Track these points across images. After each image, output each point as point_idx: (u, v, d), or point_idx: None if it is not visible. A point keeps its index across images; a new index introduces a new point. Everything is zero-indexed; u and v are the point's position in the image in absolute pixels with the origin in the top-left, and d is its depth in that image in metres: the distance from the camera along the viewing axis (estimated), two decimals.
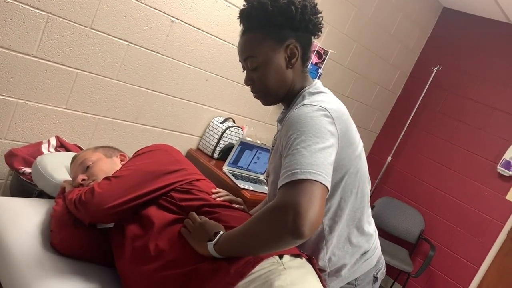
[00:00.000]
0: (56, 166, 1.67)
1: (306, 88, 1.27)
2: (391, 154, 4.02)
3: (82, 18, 2.03)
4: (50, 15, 1.93)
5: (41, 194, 1.70)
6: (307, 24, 1.21)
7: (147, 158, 1.37)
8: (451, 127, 3.89)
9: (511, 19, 3.60)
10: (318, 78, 3.19)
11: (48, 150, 2.01)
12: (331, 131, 1.10)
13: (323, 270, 1.28)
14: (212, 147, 2.73)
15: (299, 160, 1.01)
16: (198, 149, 2.84)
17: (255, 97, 1.30)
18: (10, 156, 1.94)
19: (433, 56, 4.09)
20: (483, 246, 3.56)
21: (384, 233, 3.96)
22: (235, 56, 2.72)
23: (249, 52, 1.23)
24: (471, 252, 3.62)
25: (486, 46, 3.81)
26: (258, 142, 2.86)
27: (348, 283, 1.32)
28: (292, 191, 0.96)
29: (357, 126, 1.29)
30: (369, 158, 4.39)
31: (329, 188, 1.02)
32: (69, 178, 1.60)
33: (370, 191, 1.41)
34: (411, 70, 4.24)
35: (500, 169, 3.51)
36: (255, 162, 2.71)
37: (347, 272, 1.30)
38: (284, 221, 0.93)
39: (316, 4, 1.24)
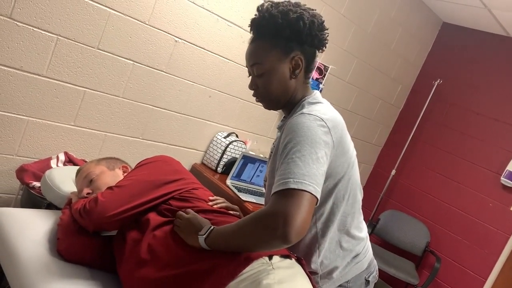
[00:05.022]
0: (64, 179, 1.75)
1: (306, 98, 1.35)
2: (395, 167, 4.06)
3: (89, 39, 2.14)
4: (59, 37, 2.05)
5: (49, 206, 1.78)
6: (313, 39, 1.30)
7: (148, 168, 1.45)
8: (454, 139, 3.92)
9: (509, 32, 3.66)
10: (320, 91, 3.26)
11: (57, 165, 2.10)
12: (326, 141, 1.17)
13: (315, 272, 1.34)
14: (216, 161, 2.81)
15: (293, 169, 1.08)
16: (202, 163, 2.92)
17: (257, 101, 1.39)
18: (21, 171, 2.03)
19: (434, 70, 4.15)
20: (490, 258, 3.55)
21: (389, 246, 3.98)
22: (237, 73, 2.82)
23: (257, 59, 1.31)
24: (477, 264, 3.61)
25: (486, 59, 3.86)
26: (261, 155, 2.93)
27: (340, 286, 1.37)
28: (283, 199, 1.04)
29: (360, 140, 1.36)
30: (374, 172, 4.43)
31: (319, 198, 1.09)
32: (75, 190, 1.68)
33: (364, 199, 1.47)
34: (413, 84, 4.30)
35: (504, 180, 3.53)
36: (258, 176, 2.77)
37: (339, 274, 1.35)
38: (273, 228, 1.02)
39: (324, 21, 1.33)
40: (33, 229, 1.49)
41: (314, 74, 3.20)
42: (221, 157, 2.79)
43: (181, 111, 2.66)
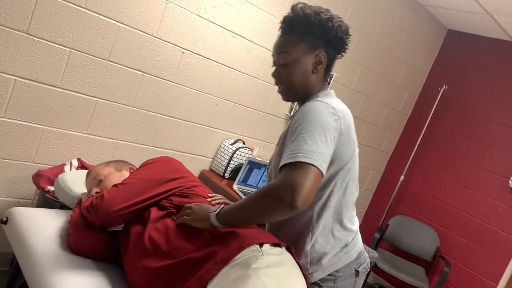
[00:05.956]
0: (75, 182, 1.87)
1: (323, 92, 1.47)
2: (404, 173, 4.09)
3: (101, 52, 2.28)
4: (72, 50, 2.19)
5: (62, 208, 1.90)
6: (338, 41, 1.43)
7: (151, 168, 1.56)
8: (461, 144, 3.95)
9: None
10: None
11: (70, 171, 2.23)
12: (335, 127, 1.29)
13: (306, 255, 1.41)
14: (224, 167, 2.90)
15: (303, 146, 1.19)
16: (210, 169, 3.02)
17: (278, 91, 1.50)
18: (37, 177, 2.16)
19: (441, 76, 4.20)
20: (500, 262, 3.55)
21: (399, 252, 3.99)
22: (243, 82, 2.93)
23: (284, 48, 1.43)
24: (488, 269, 3.60)
25: (491, 64, 3.90)
26: (267, 161, 3.01)
27: (329, 275, 1.43)
28: (292, 171, 1.15)
29: (369, 147, 1.46)
30: (383, 179, 4.46)
31: (324, 174, 1.20)
32: (85, 191, 1.79)
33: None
34: (420, 90, 4.35)
35: None
36: (264, 181, 2.85)
37: (328, 262, 1.42)
38: (282, 196, 1.12)
39: (349, 28, 1.46)
40: (46, 226, 1.60)
41: None
42: (228, 163, 2.88)
43: (189, 119, 2.77)
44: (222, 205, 1.31)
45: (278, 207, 1.13)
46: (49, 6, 2.05)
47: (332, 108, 1.31)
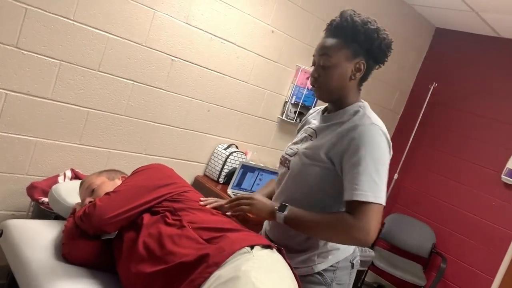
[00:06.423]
0: (69, 192, 1.89)
1: (361, 102, 1.54)
2: (397, 171, 4.12)
3: (90, 63, 2.30)
4: (62, 62, 2.21)
5: (57, 218, 1.91)
6: (379, 53, 1.49)
7: (142, 175, 1.58)
8: (453, 140, 3.99)
9: (499, 33, 3.75)
10: (315, 103, 3.38)
11: (64, 181, 2.24)
12: (389, 157, 1.42)
13: (316, 248, 1.49)
14: (218, 172, 2.92)
15: (371, 185, 1.31)
16: (205, 175, 3.04)
17: (312, 89, 1.57)
18: (31, 189, 2.17)
19: (431, 74, 4.24)
20: (496, 256, 3.58)
21: (396, 249, 4.02)
22: (234, 87, 2.95)
23: (327, 51, 1.46)
24: (484, 263, 3.63)
25: (479, 60, 3.95)
26: (261, 165, 3.03)
27: (331, 266, 1.50)
28: (366, 213, 1.30)
29: None
30: None
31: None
32: (79, 201, 1.81)
33: None
34: (410, 89, 4.39)
35: (504, 178, 3.57)
36: (258, 184, 2.88)
37: (333, 256, 1.50)
38: (358, 238, 1.31)
39: (392, 43, 1.52)
40: (41, 237, 1.62)
41: (309, 84, 3.31)
42: (222, 168, 2.91)
43: (181, 126, 2.79)
44: (288, 206, 1.42)
45: (351, 243, 1.40)
46: (38, 20, 2.07)
47: (384, 134, 1.40)
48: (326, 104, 1.63)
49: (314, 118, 1.66)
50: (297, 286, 1.28)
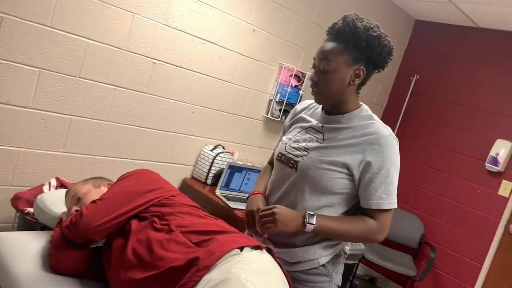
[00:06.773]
0: (54, 202, 1.86)
1: (364, 107, 1.57)
2: None
3: (71, 69, 2.27)
4: (42, 70, 2.17)
5: (43, 228, 1.89)
6: (380, 59, 1.48)
7: (128, 181, 1.57)
8: (437, 131, 4.03)
9: (477, 23, 3.80)
10: (300, 100, 3.39)
11: (49, 191, 2.21)
12: None
13: (322, 241, 1.52)
14: (205, 174, 2.91)
15: (393, 193, 1.46)
16: (192, 177, 3.03)
17: (312, 93, 1.55)
18: (16, 199, 2.14)
19: (412, 66, 4.28)
20: (483, 243, 3.63)
21: (386, 241, 4.05)
22: (217, 87, 2.95)
23: (327, 55, 1.45)
24: (472, 251, 3.69)
25: (460, 50, 4.00)
26: (249, 164, 3.03)
27: (332, 257, 1.55)
28: (387, 218, 1.47)
29: None
30: None
31: None
32: (65, 210, 1.79)
33: None
34: (393, 82, 4.43)
35: (488, 166, 3.62)
36: (246, 183, 2.88)
37: (335, 248, 1.55)
38: (377, 238, 1.48)
39: (393, 49, 1.52)
40: (27, 249, 1.59)
41: (293, 82, 3.32)
42: (209, 169, 2.90)
43: (166, 129, 2.78)
44: (315, 215, 1.42)
45: (371, 242, 1.52)
46: (14, 28, 2.04)
47: (397, 142, 1.48)
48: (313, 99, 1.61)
49: (309, 115, 1.64)
50: (288, 286, 1.28)
